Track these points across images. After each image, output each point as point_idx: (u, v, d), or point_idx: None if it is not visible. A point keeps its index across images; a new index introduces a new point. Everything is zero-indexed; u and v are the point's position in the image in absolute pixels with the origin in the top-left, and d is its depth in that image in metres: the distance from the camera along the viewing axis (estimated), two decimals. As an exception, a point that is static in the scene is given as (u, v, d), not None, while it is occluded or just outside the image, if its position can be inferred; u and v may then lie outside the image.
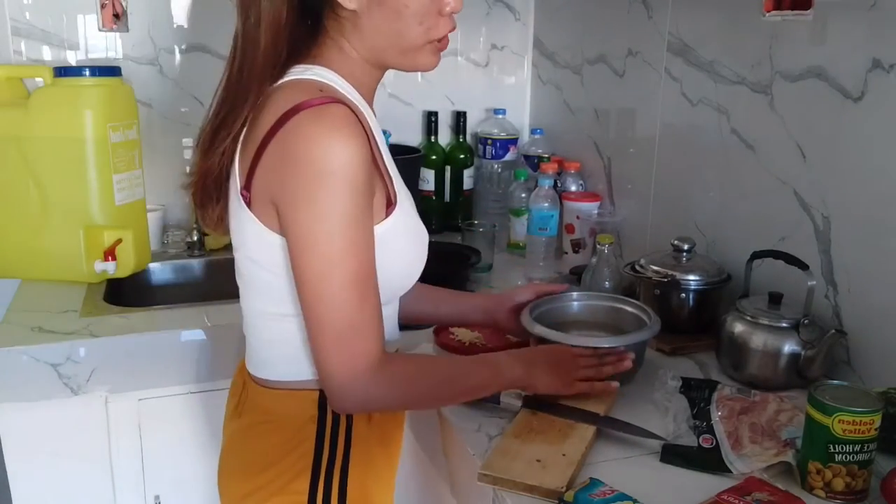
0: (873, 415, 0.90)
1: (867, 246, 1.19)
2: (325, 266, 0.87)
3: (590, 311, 1.33)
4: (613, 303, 1.33)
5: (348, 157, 0.85)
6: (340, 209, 0.86)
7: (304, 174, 0.85)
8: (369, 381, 0.90)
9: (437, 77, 2.17)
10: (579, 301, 1.34)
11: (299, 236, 0.87)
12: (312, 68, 0.95)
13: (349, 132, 0.86)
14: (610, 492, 0.89)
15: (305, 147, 0.85)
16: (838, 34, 1.22)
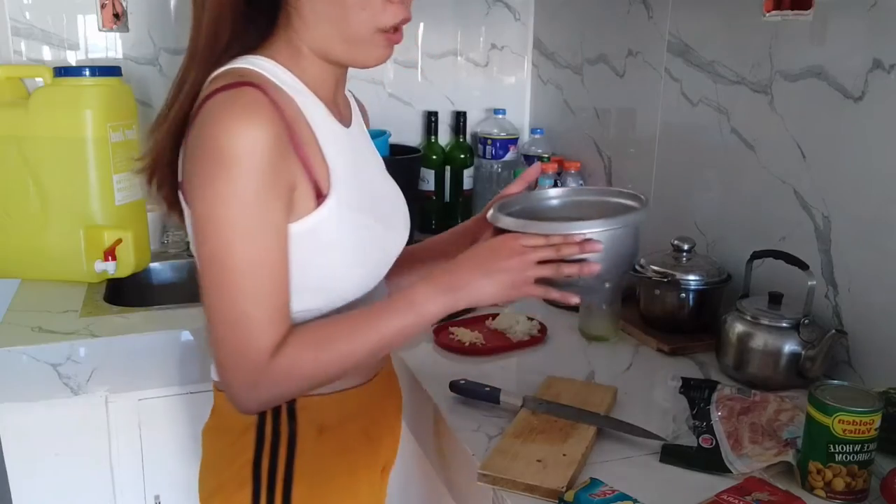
0: (873, 415, 0.90)
1: (867, 246, 1.19)
2: (219, 252, 0.83)
3: (573, 207, 1.12)
4: (601, 196, 1.11)
5: (251, 142, 0.81)
6: (238, 194, 0.82)
7: (205, 157, 0.83)
8: (259, 378, 0.85)
9: (436, 77, 2.17)
10: (560, 198, 1.13)
11: (197, 220, 0.84)
12: (253, 58, 0.91)
13: (255, 116, 0.82)
14: (610, 492, 0.89)
15: (209, 130, 0.83)
16: (838, 34, 1.22)
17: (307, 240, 0.89)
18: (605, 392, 1.15)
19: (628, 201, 1.05)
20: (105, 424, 1.41)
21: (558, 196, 1.13)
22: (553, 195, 1.13)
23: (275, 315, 0.86)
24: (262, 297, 0.85)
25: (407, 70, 2.14)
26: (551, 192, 1.13)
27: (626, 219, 0.96)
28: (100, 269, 1.59)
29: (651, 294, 1.41)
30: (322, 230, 0.90)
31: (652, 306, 1.41)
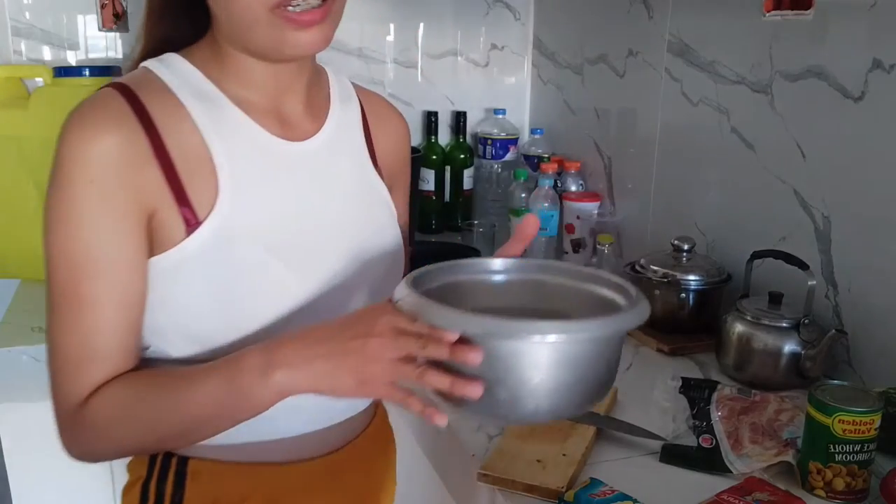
0: (873, 415, 0.90)
1: (867, 246, 1.19)
2: (47, 276, 0.74)
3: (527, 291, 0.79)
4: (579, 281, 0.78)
5: (84, 153, 0.71)
6: (66, 214, 0.72)
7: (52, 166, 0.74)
8: (70, 425, 0.75)
9: (436, 77, 2.17)
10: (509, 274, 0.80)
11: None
12: (167, 57, 0.81)
13: (96, 123, 0.72)
14: (610, 492, 0.88)
15: (59, 137, 0.74)
16: (838, 34, 1.22)
17: (171, 276, 0.76)
18: None
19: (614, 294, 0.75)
20: (105, 424, 1.41)
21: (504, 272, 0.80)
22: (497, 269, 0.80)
23: (93, 357, 0.74)
24: (71, 335, 0.73)
25: (407, 70, 2.14)
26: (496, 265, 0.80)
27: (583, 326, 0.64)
28: (100, 269, 1.59)
29: (651, 294, 1.41)
30: (190, 266, 0.75)
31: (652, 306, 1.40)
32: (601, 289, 0.76)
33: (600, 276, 0.76)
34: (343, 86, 0.95)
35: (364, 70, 2.07)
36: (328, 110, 0.89)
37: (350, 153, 0.90)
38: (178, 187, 0.75)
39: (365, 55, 2.05)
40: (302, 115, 0.86)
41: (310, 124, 0.86)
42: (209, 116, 0.78)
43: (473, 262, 0.80)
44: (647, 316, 0.67)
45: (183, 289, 0.76)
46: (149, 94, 0.76)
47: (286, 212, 0.81)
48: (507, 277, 0.80)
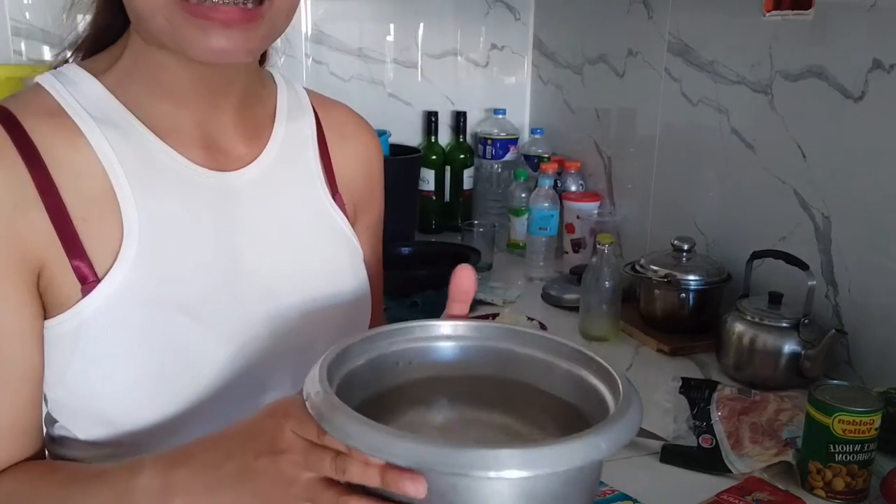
0: (873, 415, 0.90)
1: (867, 246, 1.19)
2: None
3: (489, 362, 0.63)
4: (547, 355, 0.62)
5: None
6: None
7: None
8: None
9: (437, 77, 2.17)
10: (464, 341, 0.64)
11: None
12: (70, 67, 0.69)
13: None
14: (610, 492, 0.88)
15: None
16: (838, 34, 1.22)
17: (67, 344, 0.63)
18: None
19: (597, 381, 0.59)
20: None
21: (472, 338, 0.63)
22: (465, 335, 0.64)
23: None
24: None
25: (407, 70, 2.14)
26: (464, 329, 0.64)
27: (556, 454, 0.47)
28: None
29: (651, 294, 1.41)
30: (89, 332, 0.62)
31: (652, 306, 1.41)
32: (582, 371, 0.60)
33: (582, 355, 0.60)
34: (295, 98, 0.80)
35: (364, 70, 2.07)
36: (271, 130, 0.75)
37: (299, 182, 0.75)
38: (71, 237, 0.62)
39: (365, 55, 2.05)
40: (235, 136, 0.71)
41: (245, 149, 0.72)
42: (114, 144, 0.64)
43: (414, 327, 0.63)
44: (639, 427, 0.51)
45: (81, 360, 0.63)
46: (35, 120, 0.62)
47: (208, 260, 0.67)
48: (460, 344, 0.63)
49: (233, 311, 0.68)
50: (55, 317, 0.63)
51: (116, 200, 0.64)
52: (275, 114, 0.76)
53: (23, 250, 0.61)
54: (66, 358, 0.63)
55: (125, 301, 0.63)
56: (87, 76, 0.67)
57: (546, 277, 1.71)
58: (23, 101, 0.65)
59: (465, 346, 0.63)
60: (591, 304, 1.40)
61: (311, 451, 0.51)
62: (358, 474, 0.48)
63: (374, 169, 0.86)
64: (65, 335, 0.63)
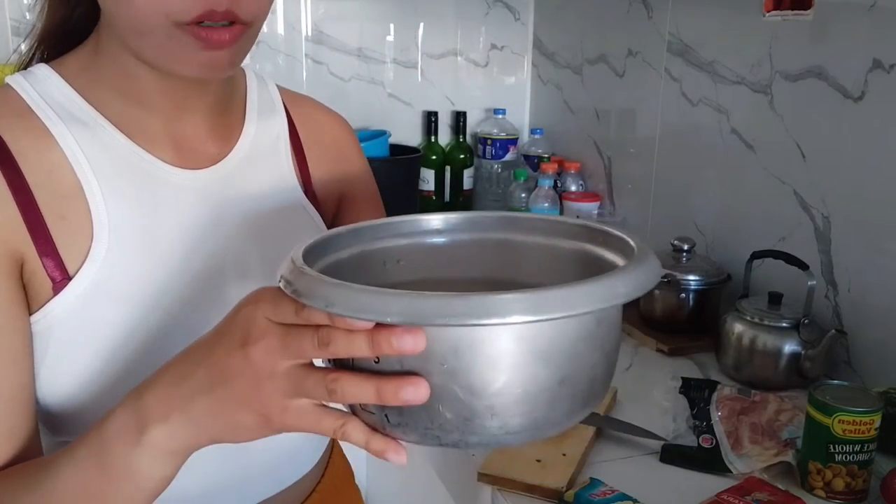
0: (873, 415, 0.90)
1: (867, 246, 1.19)
2: None
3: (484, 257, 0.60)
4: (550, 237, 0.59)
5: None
6: None
7: None
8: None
9: (436, 77, 2.17)
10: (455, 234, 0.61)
11: None
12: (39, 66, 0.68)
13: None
14: (610, 492, 0.88)
15: None
16: (838, 34, 1.22)
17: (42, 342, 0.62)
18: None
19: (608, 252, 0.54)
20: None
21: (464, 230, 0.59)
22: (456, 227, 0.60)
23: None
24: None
25: (407, 70, 2.14)
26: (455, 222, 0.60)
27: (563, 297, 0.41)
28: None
29: (651, 294, 1.41)
30: (63, 328, 0.62)
31: (652, 306, 1.41)
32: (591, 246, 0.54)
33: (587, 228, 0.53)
34: (266, 96, 0.79)
35: (364, 70, 2.07)
36: (242, 128, 0.75)
37: (270, 179, 0.75)
38: (43, 235, 0.61)
39: (365, 55, 2.05)
40: (205, 136, 0.71)
41: (215, 147, 0.72)
42: (82, 144, 0.64)
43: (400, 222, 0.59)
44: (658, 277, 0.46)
45: (52, 360, 0.62)
46: (5, 119, 0.62)
47: (178, 257, 0.67)
48: (452, 238, 0.59)
49: (204, 306, 0.67)
50: (32, 313, 0.62)
51: (86, 199, 0.63)
52: (245, 112, 0.77)
53: (4, 241, 0.60)
54: (40, 358, 0.62)
55: (96, 299, 0.62)
56: (55, 76, 0.67)
57: (546, 277, 1.71)
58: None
59: (457, 241, 0.58)
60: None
61: (288, 333, 0.45)
62: (344, 343, 0.43)
63: (352, 154, 0.86)
64: (40, 332, 0.62)
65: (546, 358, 0.44)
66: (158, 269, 0.66)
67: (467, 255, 0.58)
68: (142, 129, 0.68)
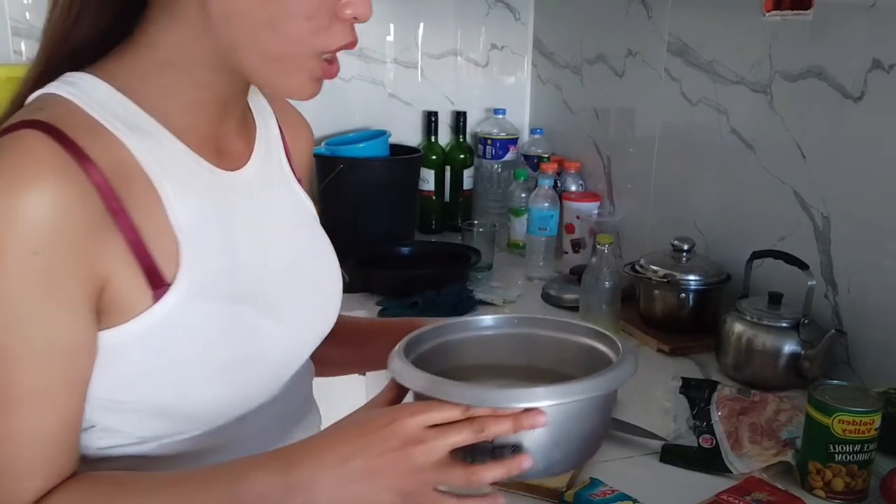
0: (873, 415, 0.90)
1: (867, 246, 1.19)
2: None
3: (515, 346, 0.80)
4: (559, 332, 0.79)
5: (28, 220, 0.57)
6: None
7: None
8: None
9: (436, 77, 2.17)
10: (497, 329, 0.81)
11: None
12: (80, 76, 0.66)
13: (31, 178, 0.57)
14: (610, 492, 0.89)
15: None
16: (838, 34, 1.22)
17: (137, 351, 0.64)
18: None
19: (600, 345, 0.75)
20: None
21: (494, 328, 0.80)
22: (488, 326, 0.80)
23: (33, 463, 0.62)
24: (14, 442, 0.61)
25: (407, 70, 2.14)
26: (486, 322, 0.80)
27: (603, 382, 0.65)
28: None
29: (651, 294, 1.41)
30: (161, 334, 0.64)
31: (652, 306, 1.41)
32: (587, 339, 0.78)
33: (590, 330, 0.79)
34: (258, 96, 0.82)
35: (364, 70, 2.07)
36: (255, 130, 0.79)
37: (279, 175, 0.81)
38: (141, 247, 0.63)
39: (365, 55, 2.05)
40: (235, 137, 0.75)
41: (242, 146, 0.76)
42: (149, 150, 0.65)
43: (459, 322, 0.80)
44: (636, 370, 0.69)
45: (151, 360, 0.65)
46: (82, 133, 0.61)
47: (242, 253, 0.71)
48: (496, 333, 0.81)
49: (273, 293, 0.73)
50: (120, 325, 0.63)
51: (163, 206, 0.65)
52: (252, 113, 0.80)
53: (94, 266, 0.61)
54: (132, 360, 0.64)
55: (191, 300, 0.65)
56: (104, 85, 0.66)
57: (546, 277, 1.71)
58: (57, 114, 0.62)
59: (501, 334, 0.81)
60: (591, 304, 1.40)
61: (447, 430, 0.60)
62: (494, 427, 0.60)
63: (311, 153, 0.93)
64: (132, 340, 0.64)
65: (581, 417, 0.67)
66: (238, 267, 0.70)
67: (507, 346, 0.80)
68: (192, 135, 0.69)
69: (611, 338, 0.75)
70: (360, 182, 1.79)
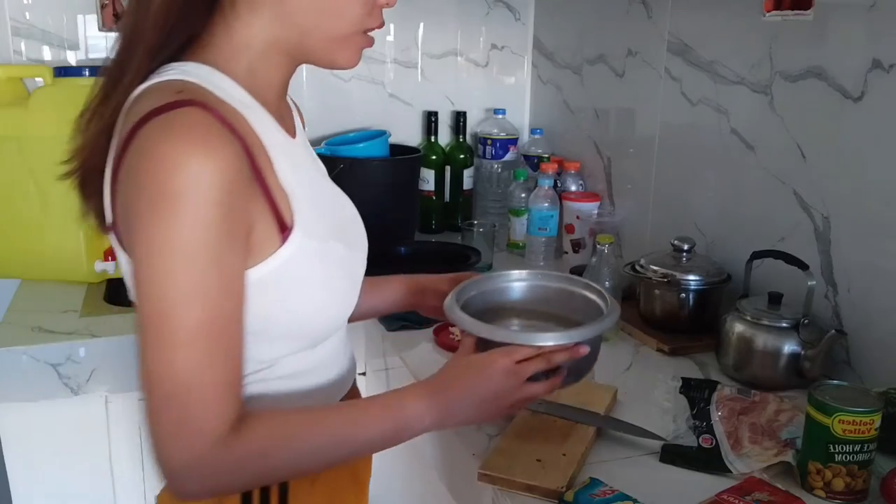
0: (873, 415, 0.90)
1: (867, 246, 1.19)
2: (160, 309, 0.70)
3: (533, 295, 1.09)
4: (564, 284, 1.08)
5: (195, 178, 0.68)
6: (183, 240, 0.68)
7: (144, 197, 0.69)
8: (208, 462, 0.72)
9: (437, 77, 2.17)
10: (521, 282, 1.09)
11: (137, 272, 0.71)
12: (183, 65, 0.77)
13: (201, 145, 0.69)
14: (610, 492, 0.89)
15: (147, 164, 0.69)
16: (838, 34, 1.22)
17: (271, 285, 0.77)
18: (604, 392, 1.15)
19: (592, 296, 1.03)
20: (105, 424, 1.41)
21: (519, 281, 1.08)
22: (514, 279, 1.08)
23: (225, 389, 0.73)
24: (211, 368, 0.71)
25: (407, 70, 2.14)
26: (513, 275, 1.08)
27: (602, 323, 0.94)
28: (100, 269, 1.59)
29: (651, 294, 1.41)
30: (289, 271, 0.78)
31: (652, 306, 1.41)
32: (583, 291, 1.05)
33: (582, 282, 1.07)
34: None
35: (364, 70, 2.07)
36: (289, 106, 0.94)
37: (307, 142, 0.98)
38: (271, 200, 0.77)
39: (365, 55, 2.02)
40: (285, 111, 0.90)
41: (290, 120, 0.91)
42: (259, 124, 0.79)
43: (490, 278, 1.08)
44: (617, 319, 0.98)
45: (283, 291, 0.78)
46: (221, 109, 0.73)
47: (325, 203, 0.89)
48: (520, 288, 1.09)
49: (346, 230, 0.92)
50: (259, 264, 0.76)
51: (274, 166, 0.78)
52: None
53: (247, 216, 0.73)
54: (269, 296, 0.77)
55: (305, 241, 0.79)
56: (216, 73, 0.78)
57: (546, 277, 1.71)
58: (198, 95, 0.73)
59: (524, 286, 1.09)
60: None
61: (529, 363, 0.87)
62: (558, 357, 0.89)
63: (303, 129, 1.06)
64: (269, 277, 0.76)
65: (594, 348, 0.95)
66: (321, 212, 0.85)
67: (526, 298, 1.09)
68: (271, 108, 0.83)
69: (600, 291, 1.02)
70: (360, 182, 1.79)
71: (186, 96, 0.72)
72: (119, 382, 1.39)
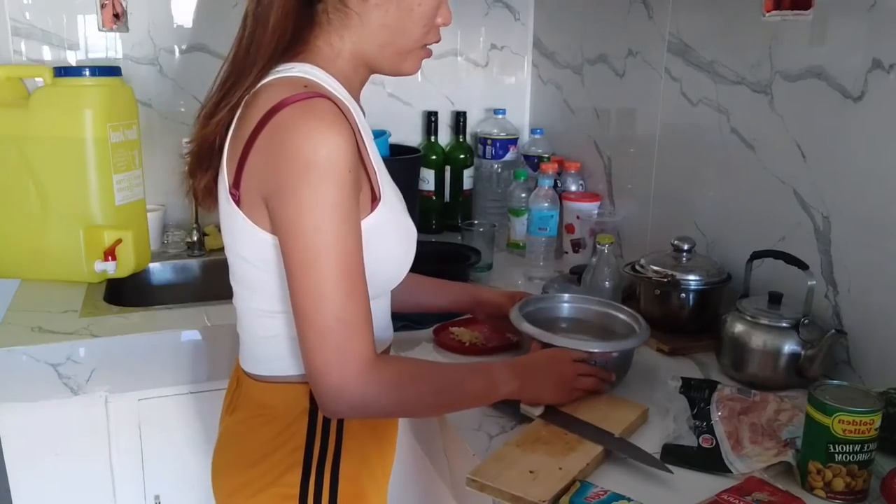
0: (873, 415, 0.90)
1: (867, 246, 1.19)
2: (310, 258, 0.86)
3: (580, 313, 1.33)
4: (605, 308, 1.31)
5: (334, 150, 0.85)
6: (326, 201, 0.85)
7: (291, 167, 0.85)
8: (359, 383, 0.88)
9: (437, 77, 2.17)
10: (570, 303, 1.34)
11: (286, 229, 0.87)
12: (298, 66, 0.95)
13: (335, 126, 0.86)
14: (602, 493, 0.88)
15: (292, 140, 0.85)
16: (838, 34, 1.22)
17: (364, 240, 0.92)
18: (631, 410, 1.11)
19: (626, 318, 1.28)
20: (105, 424, 1.41)
21: (569, 303, 1.35)
22: (565, 301, 1.35)
23: (367, 321, 0.90)
24: (355, 303, 0.88)
25: (407, 70, 2.14)
26: (564, 297, 1.35)
27: (635, 339, 1.21)
28: (100, 269, 1.59)
29: (651, 294, 1.41)
30: (375, 231, 0.94)
31: (652, 306, 1.41)
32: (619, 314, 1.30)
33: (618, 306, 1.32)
34: None
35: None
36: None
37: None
38: (368, 174, 0.95)
39: (365, 55, 2.05)
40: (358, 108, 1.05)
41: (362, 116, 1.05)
42: (354, 114, 0.96)
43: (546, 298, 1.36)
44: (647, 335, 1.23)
45: (371, 249, 0.92)
46: (336, 100, 0.91)
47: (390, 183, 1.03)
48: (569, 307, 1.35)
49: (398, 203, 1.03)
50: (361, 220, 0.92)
51: (368, 149, 0.97)
52: None
53: (358, 184, 0.90)
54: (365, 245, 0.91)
55: (385, 210, 0.96)
56: (324, 73, 0.96)
57: (546, 277, 1.71)
58: (319, 89, 0.91)
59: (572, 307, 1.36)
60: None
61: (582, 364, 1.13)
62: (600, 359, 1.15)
63: None
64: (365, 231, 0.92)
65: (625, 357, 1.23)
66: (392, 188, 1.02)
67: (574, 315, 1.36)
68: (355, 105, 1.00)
69: (636, 315, 1.27)
70: (360, 182, 1.79)
71: (314, 89, 0.90)
72: (119, 382, 1.39)
